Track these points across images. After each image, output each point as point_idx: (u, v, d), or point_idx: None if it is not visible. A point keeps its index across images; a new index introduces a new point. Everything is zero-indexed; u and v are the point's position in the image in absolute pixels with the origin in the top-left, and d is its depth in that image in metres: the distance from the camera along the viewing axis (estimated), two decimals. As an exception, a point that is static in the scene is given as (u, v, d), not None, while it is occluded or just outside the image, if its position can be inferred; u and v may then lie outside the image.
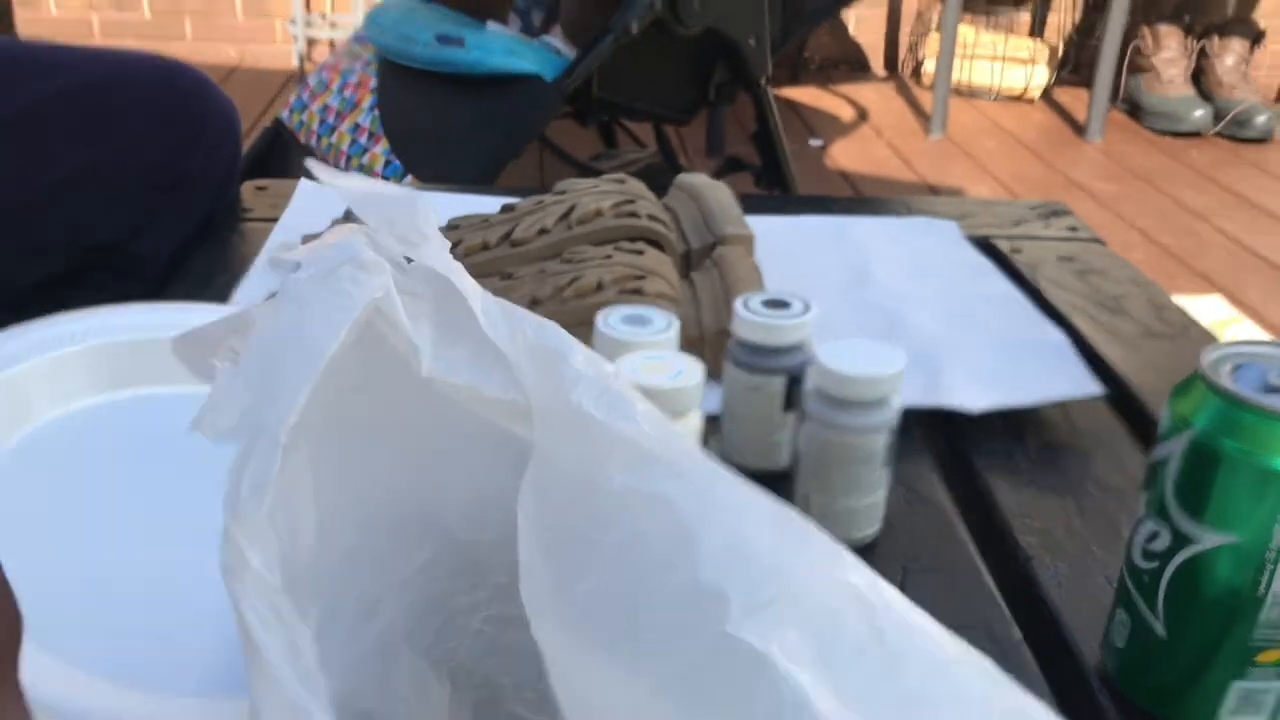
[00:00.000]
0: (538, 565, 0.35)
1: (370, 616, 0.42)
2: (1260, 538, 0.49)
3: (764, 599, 0.31)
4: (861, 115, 3.56)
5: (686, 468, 0.33)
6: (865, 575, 0.33)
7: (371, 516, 0.41)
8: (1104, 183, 3.04)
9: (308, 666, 0.31)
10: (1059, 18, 3.92)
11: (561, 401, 0.34)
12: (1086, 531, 0.69)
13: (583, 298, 0.80)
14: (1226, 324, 2.17)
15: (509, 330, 0.35)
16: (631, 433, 0.33)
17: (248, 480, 0.32)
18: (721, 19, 1.83)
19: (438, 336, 0.36)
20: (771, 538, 0.32)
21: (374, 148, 1.83)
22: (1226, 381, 0.50)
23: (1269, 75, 3.78)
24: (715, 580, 0.31)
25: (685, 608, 0.32)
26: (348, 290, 0.34)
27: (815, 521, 0.66)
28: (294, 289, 0.34)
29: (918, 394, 0.79)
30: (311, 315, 0.33)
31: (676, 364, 0.61)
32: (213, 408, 0.33)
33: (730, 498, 0.33)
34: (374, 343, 0.35)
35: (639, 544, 0.33)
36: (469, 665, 0.44)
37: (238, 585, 0.31)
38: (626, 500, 0.33)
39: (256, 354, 0.33)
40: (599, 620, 0.34)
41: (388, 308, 0.35)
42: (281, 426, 0.32)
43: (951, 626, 0.60)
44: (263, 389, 0.33)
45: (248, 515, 0.31)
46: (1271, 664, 0.52)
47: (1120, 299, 1.00)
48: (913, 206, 1.20)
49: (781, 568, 0.32)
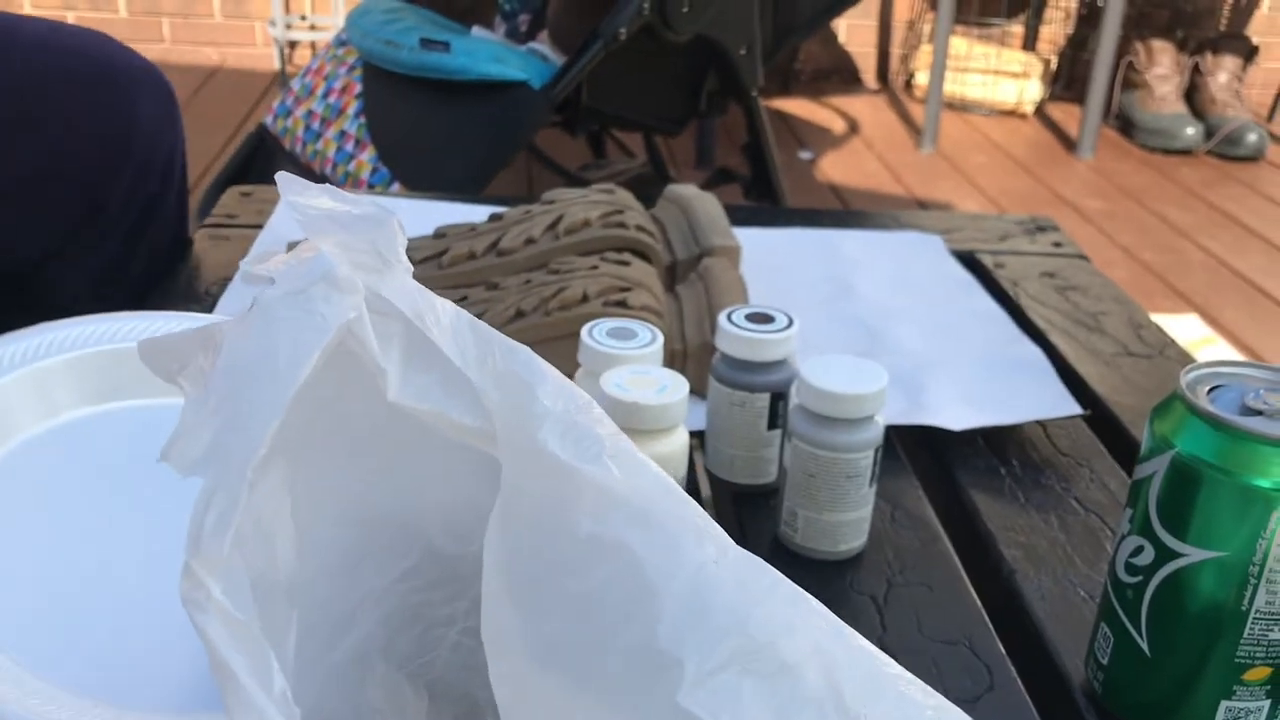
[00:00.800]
0: (501, 605, 0.35)
1: (347, 629, 0.41)
2: (1243, 554, 0.49)
3: (719, 663, 0.31)
4: (852, 128, 3.57)
5: (653, 514, 0.33)
6: (829, 624, 0.33)
7: (350, 528, 0.41)
8: (1092, 200, 3.05)
9: (280, 688, 0.30)
10: (1052, 30, 3.93)
11: (528, 439, 0.34)
12: (1069, 546, 0.69)
13: (567, 309, 0.80)
14: (1201, 344, 2.18)
15: (478, 354, 0.35)
16: (598, 476, 0.33)
17: (211, 517, 0.31)
18: (712, 26, 1.83)
19: (406, 361, 0.35)
20: (734, 590, 0.32)
21: (360, 154, 1.83)
22: (1204, 403, 0.50)
23: (1261, 93, 3.80)
24: (672, 643, 0.31)
25: (641, 669, 0.32)
26: (320, 310, 0.33)
27: (802, 536, 0.66)
28: (265, 307, 0.33)
29: (899, 412, 0.79)
30: (282, 337, 0.33)
31: (662, 379, 0.61)
32: (180, 437, 0.33)
33: (695, 547, 0.33)
34: (348, 358, 0.35)
35: (601, 595, 0.33)
36: (447, 678, 0.44)
37: (201, 616, 0.31)
38: (591, 548, 0.33)
39: (225, 379, 0.33)
40: (557, 667, 0.33)
41: (359, 329, 0.34)
42: (248, 463, 0.32)
43: (936, 641, 0.60)
44: (231, 418, 0.32)
45: (209, 550, 0.31)
46: (1258, 682, 0.52)
47: (1099, 316, 1.00)
48: (900, 221, 1.20)
49: (740, 627, 0.32)
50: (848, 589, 0.65)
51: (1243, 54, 3.52)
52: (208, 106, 3.16)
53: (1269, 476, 0.48)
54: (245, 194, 1.17)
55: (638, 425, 0.59)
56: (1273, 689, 0.52)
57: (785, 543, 0.67)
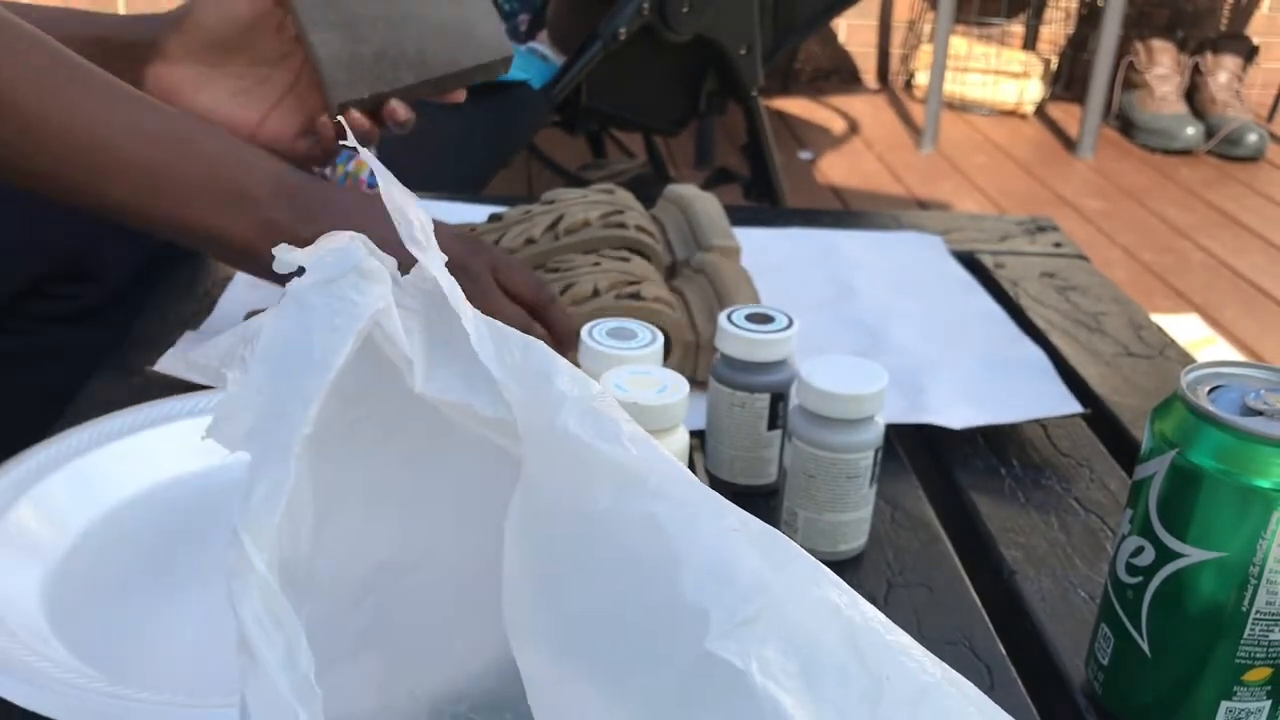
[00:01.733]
0: (523, 587, 0.35)
1: (355, 610, 0.41)
2: (1244, 554, 0.49)
3: (745, 617, 0.31)
4: (852, 128, 3.57)
5: (672, 489, 0.33)
6: (846, 595, 0.33)
7: (368, 520, 0.41)
8: (1092, 199, 3.05)
9: (304, 675, 0.31)
10: (1052, 30, 3.93)
11: (548, 423, 0.34)
12: (1069, 546, 0.69)
13: (580, 305, 0.80)
14: (1201, 344, 2.18)
15: (496, 350, 0.35)
16: (617, 455, 0.33)
17: (260, 489, 0.32)
18: (711, 26, 1.83)
19: (429, 353, 0.35)
20: (755, 558, 0.33)
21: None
22: (1205, 403, 0.50)
23: (1261, 93, 3.80)
24: (698, 599, 0.32)
25: (668, 626, 0.32)
26: (352, 298, 0.34)
27: (802, 536, 0.66)
28: (298, 294, 0.34)
29: (899, 411, 0.79)
30: (317, 323, 0.33)
31: (662, 379, 0.61)
32: (225, 416, 0.33)
33: (714, 519, 0.33)
34: (371, 351, 0.35)
35: (625, 566, 0.33)
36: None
37: (239, 586, 0.31)
38: (613, 522, 0.33)
39: (265, 361, 0.33)
40: (582, 644, 0.34)
41: (386, 320, 0.34)
42: (294, 436, 0.32)
43: (936, 641, 0.60)
44: (273, 396, 0.33)
45: (258, 521, 0.31)
46: (1259, 683, 0.52)
47: (1100, 317, 1.00)
48: (900, 221, 1.20)
49: (764, 587, 0.32)
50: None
51: (1243, 54, 3.52)
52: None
53: (1269, 477, 0.48)
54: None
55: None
56: (1273, 690, 0.52)
57: (785, 543, 0.67)
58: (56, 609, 0.58)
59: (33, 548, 0.61)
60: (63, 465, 0.66)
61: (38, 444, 0.67)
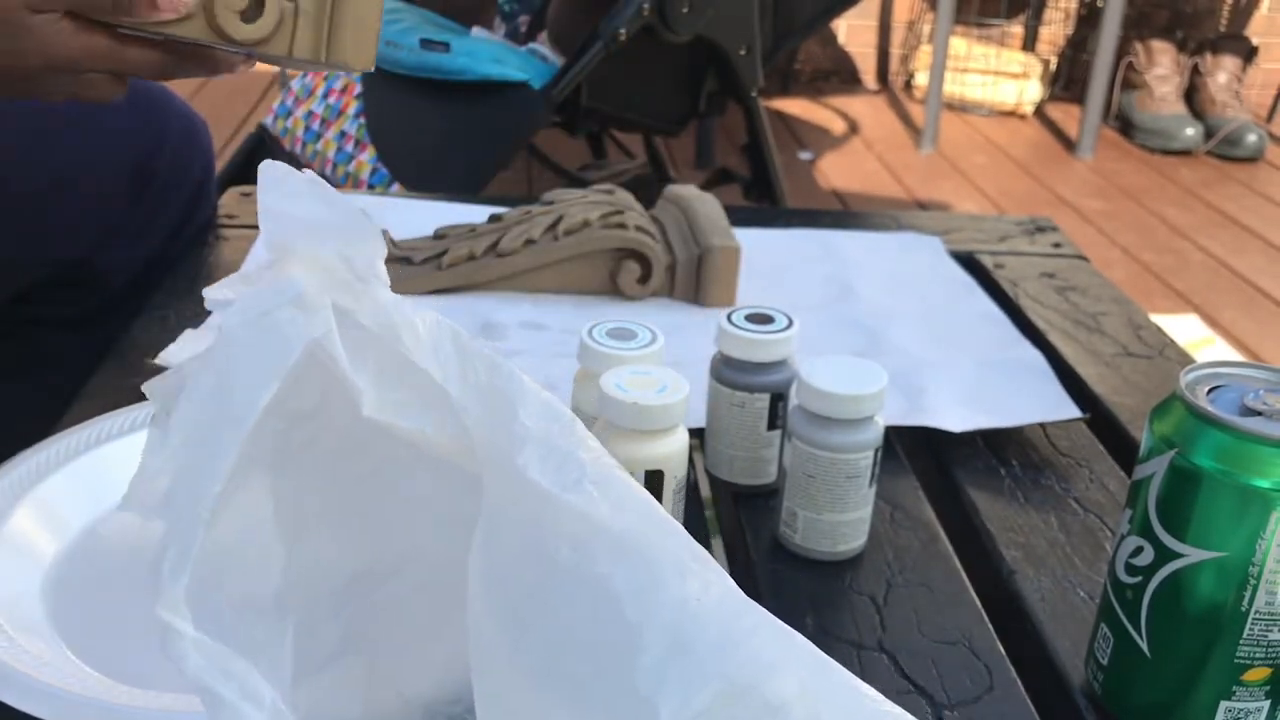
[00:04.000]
0: (485, 627, 0.35)
1: (334, 619, 0.41)
2: (1243, 554, 0.49)
3: (698, 710, 0.31)
4: (852, 128, 3.57)
5: (635, 544, 0.33)
6: (813, 661, 0.33)
7: (339, 534, 0.41)
8: (1092, 200, 3.05)
9: (271, 700, 0.31)
10: (1051, 30, 3.93)
11: (508, 459, 0.33)
12: (1069, 546, 0.69)
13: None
14: (1200, 344, 2.18)
15: (460, 368, 0.34)
16: (579, 504, 0.33)
17: (168, 563, 0.32)
18: (711, 27, 1.83)
19: (380, 376, 0.35)
20: (716, 629, 0.32)
21: (360, 155, 1.82)
22: (1204, 403, 0.50)
23: (1261, 94, 3.80)
24: (650, 689, 0.31)
25: (619, 715, 0.32)
26: (284, 333, 0.33)
27: (802, 536, 0.66)
28: (225, 336, 0.33)
29: (899, 413, 0.79)
30: (240, 367, 0.33)
31: (662, 379, 0.61)
32: (141, 481, 0.33)
33: (677, 581, 0.33)
34: (320, 372, 0.35)
35: (581, 632, 0.33)
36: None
37: (177, 654, 0.31)
38: (571, 579, 0.33)
39: (184, 416, 0.33)
40: (538, 694, 0.33)
41: (329, 345, 0.34)
42: (204, 503, 0.32)
43: (936, 641, 0.61)
44: (188, 458, 0.32)
45: (169, 594, 0.32)
46: (1258, 683, 0.52)
47: (1099, 317, 1.00)
48: (900, 221, 1.20)
49: (724, 665, 0.31)
50: (847, 589, 0.65)
51: (1242, 54, 3.52)
52: (208, 107, 3.16)
53: (1268, 477, 0.48)
54: (245, 194, 1.16)
55: (638, 425, 0.59)
56: (1272, 689, 0.52)
57: (785, 543, 0.67)
58: (57, 609, 0.58)
59: (33, 548, 0.61)
60: (63, 465, 0.66)
61: (38, 444, 0.67)
